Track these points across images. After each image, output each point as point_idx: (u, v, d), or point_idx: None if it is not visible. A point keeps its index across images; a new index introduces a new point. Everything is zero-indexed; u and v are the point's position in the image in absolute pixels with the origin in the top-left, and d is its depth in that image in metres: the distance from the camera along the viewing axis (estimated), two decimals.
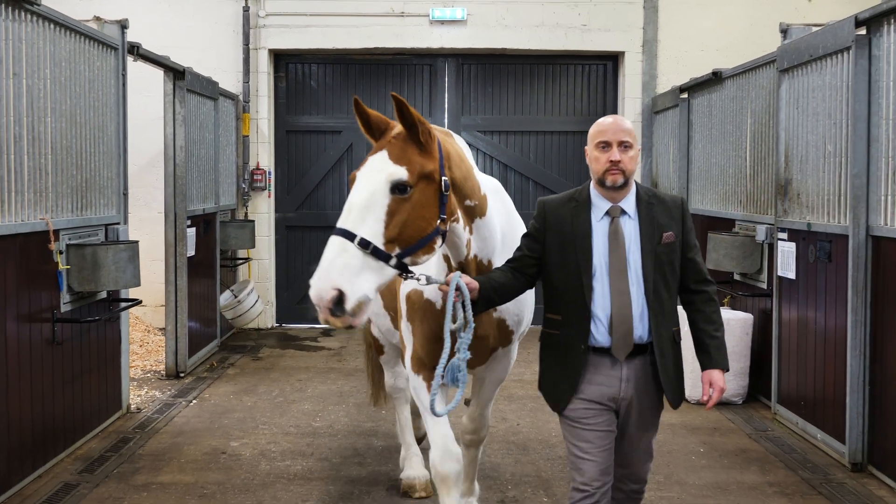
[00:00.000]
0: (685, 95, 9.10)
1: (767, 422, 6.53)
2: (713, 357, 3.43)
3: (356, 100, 3.30)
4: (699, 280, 3.48)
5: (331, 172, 10.68)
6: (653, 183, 10.22)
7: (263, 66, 10.35)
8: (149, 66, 7.61)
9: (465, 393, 4.69)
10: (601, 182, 3.39)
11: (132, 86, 6.80)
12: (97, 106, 6.21)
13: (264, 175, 10.42)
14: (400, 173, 3.16)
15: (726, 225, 7.77)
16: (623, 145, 3.35)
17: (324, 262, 3.04)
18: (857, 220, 5.39)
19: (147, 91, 9.17)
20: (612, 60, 10.68)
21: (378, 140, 3.33)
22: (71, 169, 5.79)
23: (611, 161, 3.34)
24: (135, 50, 6.83)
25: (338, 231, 3.10)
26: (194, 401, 7.08)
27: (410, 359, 3.92)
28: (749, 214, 7.36)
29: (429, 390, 3.76)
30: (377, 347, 5.23)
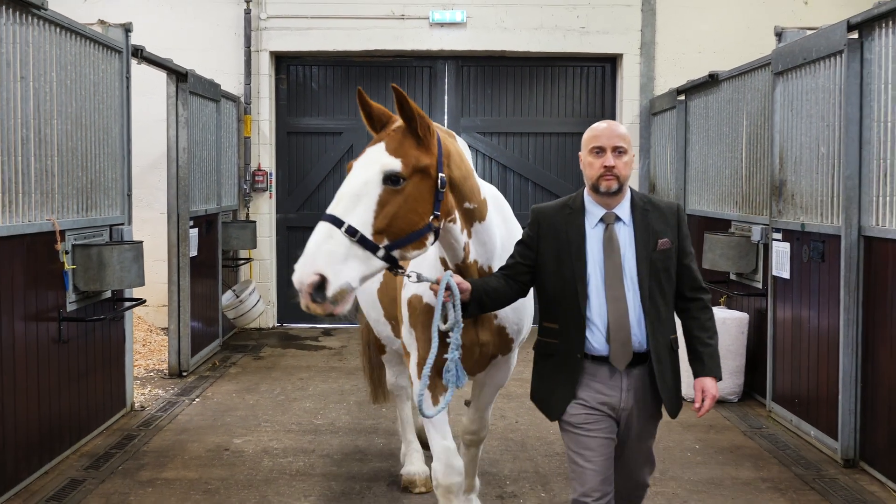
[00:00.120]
0: (682, 97, 9.19)
1: (762, 419, 6.62)
2: (706, 365, 3.40)
3: (359, 91, 3.29)
4: (695, 287, 3.45)
5: (332, 173, 10.76)
6: (650, 184, 10.32)
7: (265, 68, 10.44)
8: (152, 69, 7.69)
9: (465, 394, 4.74)
10: (595, 188, 3.35)
11: (135, 88, 6.86)
12: (102, 108, 6.30)
13: (266, 176, 10.51)
14: (394, 164, 3.15)
15: (723, 225, 7.86)
16: (617, 150, 3.30)
17: (308, 247, 3.00)
18: (850, 221, 5.48)
19: (150, 93, 9.24)
20: (611, 62, 10.77)
21: (379, 133, 3.33)
22: (76, 170, 5.88)
23: (605, 167, 3.30)
24: (139, 53, 6.92)
25: (326, 217, 3.07)
26: (197, 399, 7.17)
27: (416, 366, 3.83)
28: (745, 215, 7.45)
29: (435, 402, 3.73)
30: (379, 347, 5.23)
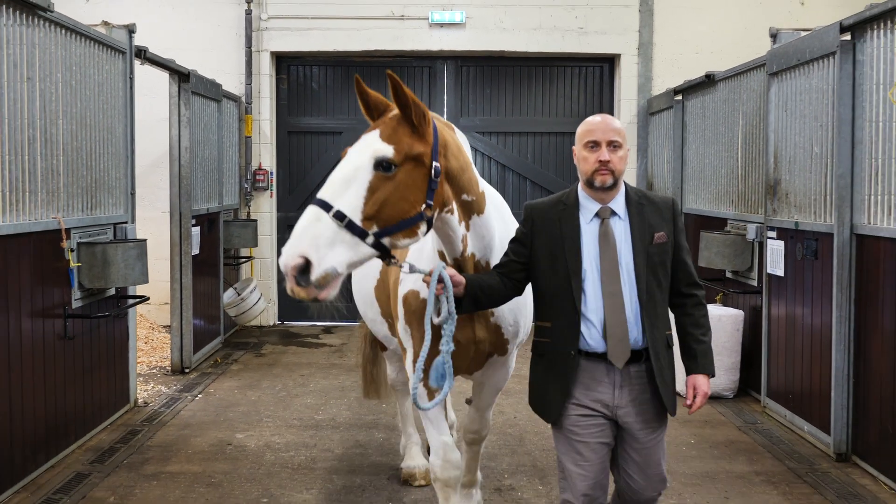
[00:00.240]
0: (679, 97, 9.28)
1: (757, 415, 6.71)
2: (699, 362, 3.36)
3: (357, 79, 3.25)
4: (690, 283, 3.40)
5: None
6: (648, 183, 10.41)
7: (265, 68, 10.53)
8: (153, 69, 7.78)
9: (466, 392, 4.76)
10: (590, 183, 3.29)
11: (137, 88, 6.93)
12: (106, 108, 6.39)
13: (266, 175, 10.60)
14: (385, 150, 3.10)
15: (719, 224, 7.96)
16: (612, 145, 3.25)
17: (295, 230, 2.97)
18: (842, 219, 5.58)
19: (152, 93, 9.34)
20: (609, 63, 10.86)
21: (376, 121, 3.30)
22: (81, 170, 5.97)
23: (600, 161, 3.24)
24: (142, 53, 7.01)
25: (315, 201, 3.03)
26: (200, 395, 7.26)
27: (412, 363, 3.81)
28: (740, 214, 7.55)
29: (431, 397, 3.70)
30: (380, 343, 5.25)
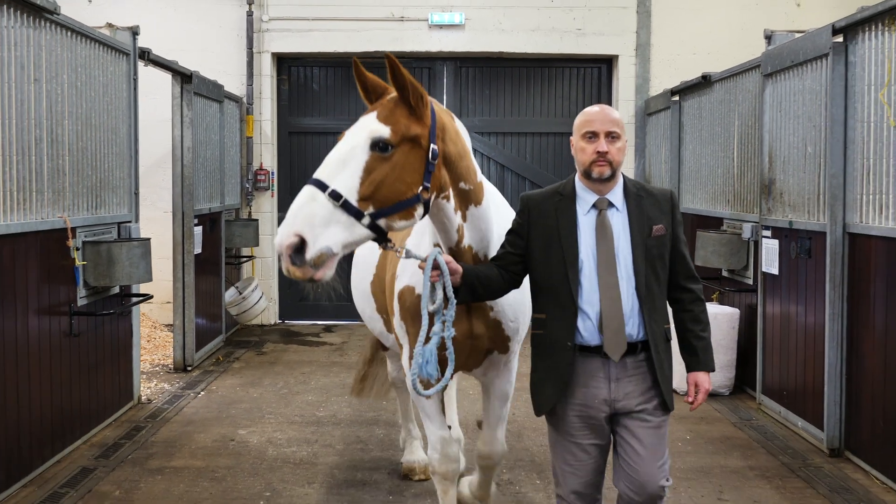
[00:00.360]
0: (676, 98, 9.37)
1: (752, 411, 6.80)
2: (700, 359, 3.33)
3: (355, 61, 3.26)
4: (688, 276, 3.36)
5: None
6: (645, 182, 10.49)
7: (266, 69, 10.62)
8: (156, 70, 7.87)
9: (476, 414, 4.70)
10: (587, 174, 3.25)
11: (139, 89, 7.03)
12: (110, 109, 6.49)
13: (267, 175, 10.69)
14: (382, 131, 3.09)
15: (715, 223, 8.05)
16: (611, 136, 3.21)
17: (290, 210, 2.96)
18: (835, 218, 5.67)
19: (154, 94, 9.43)
20: (607, 64, 10.95)
21: (374, 104, 3.29)
22: (86, 170, 6.06)
23: (598, 152, 3.20)
24: (145, 55, 7.10)
25: (311, 181, 3.02)
26: (202, 392, 7.35)
27: (409, 359, 3.76)
28: (736, 213, 7.64)
29: (425, 387, 3.56)
30: (382, 346, 5.26)
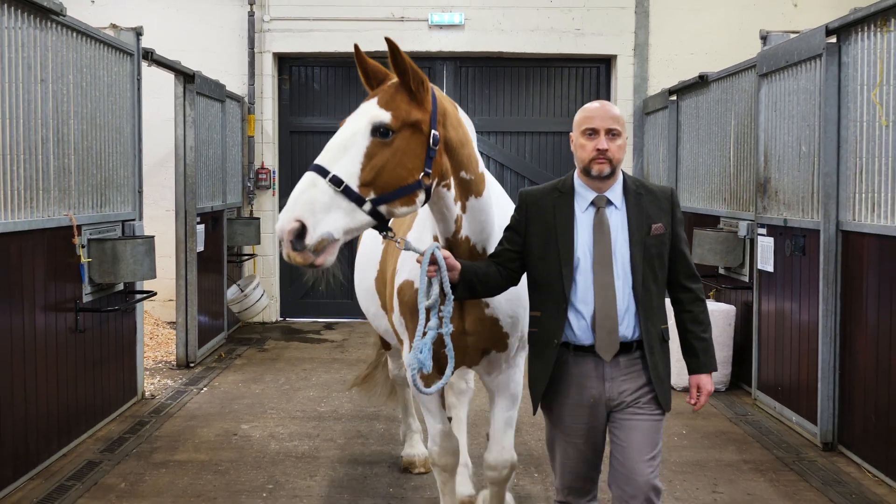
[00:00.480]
0: (674, 98, 9.46)
1: (748, 407, 6.89)
2: (702, 360, 3.30)
3: (356, 46, 3.23)
4: (689, 275, 3.32)
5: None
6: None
7: (268, 69, 10.71)
8: (159, 70, 7.95)
9: (486, 423, 4.70)
10: (586, 171, 3.21)
11: (143, 89, 7.11)
12: (115, 109, 6.58)
13: (269, 174, 10.78)
14: (382, 116, 3.07)
15: (712, 221, 8.13)
16: (611, 133, 3.17)
17: (292, 195, 2.96)
18: (828, 216, 5.76)
19: (157, 94, 9.51)
20: (605, 63, 11.04)
21: (374, 89, 3.26)
22: (91, 168, 6.15)
23: (597, 149, 3.16)
24: (149, 55, 7.19)
25: (312, 167, 3.02)
26: (205, 388, 7.45)
27: (409, 353, 3.54)
28: (733, 211, 7.73)
29: (425, 384, 3.51)
30: (384, 344, 5.27)
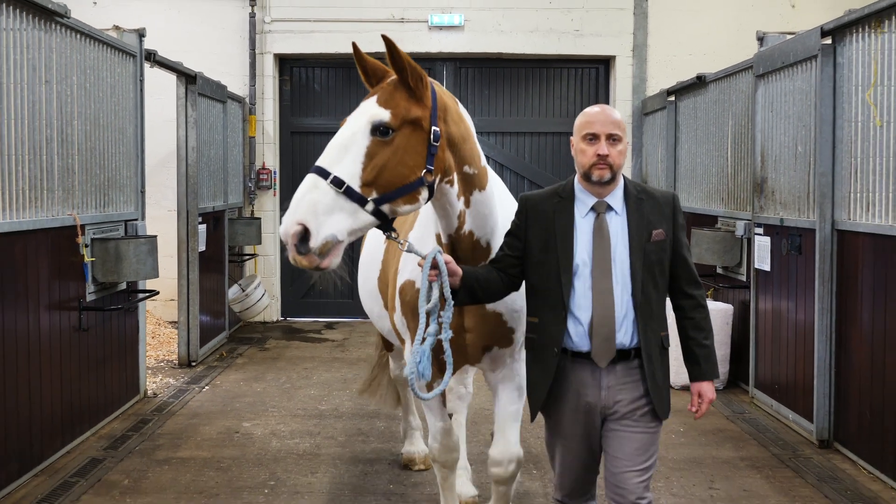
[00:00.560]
0: (672, 98, 9.52)
1: (745, 405, 6.95)
2: (703, 368, 3.28)
3: (354, 45, 3.21)
4: (690, 281, 3.29)
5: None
6: (642, 181, 10.64)
7: (269, 70, 10.77)
8: (161, 71, 8.01)
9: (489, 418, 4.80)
10: (587, 176, 3.19)
11: (145, 90, 7.16)
12: (118, 110, 6.64)
13: (270, 174, 10.83)
14: (381, 115, 3.05)
15: (710, 221, 8.19)
16: (611, 138, 3.15)
17: (294, 198, 2.95)
18: (824, 215, 5.82)
19: (159, 95, 9.56)
20: (604, 64, 11.11)
21: (374, 87, 3.24)
22: (95, 169, 6.21)
23: (598, 155, 3.14)
24: (151, 57, 7.25)
25: (313, 168, 3.01)
26: (207, 387, 7.51)
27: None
28: (730, 211, 7.79)
29: (427, 389, 3.60)
30: (386, 345, 5.29)
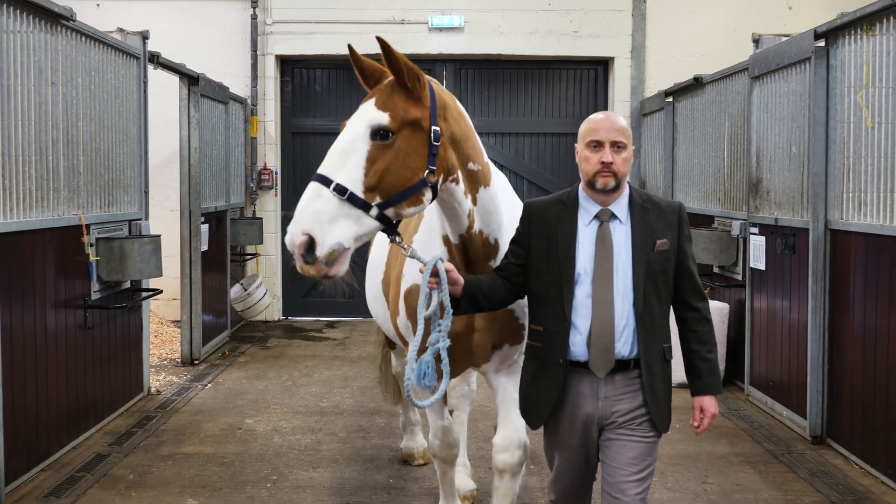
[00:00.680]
0: (670, 99, 9.61)
1: (740, 402, 7.04)
2: (705, 381, 3.22)
3: (350, 47, 3.19)
4: (694, 293, 3.22)
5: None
6: (641, 182, 10.74)
7: (270, 71, 10.86)
8: (164, 73, 8.11)
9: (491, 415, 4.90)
10: (591, 184, 3.14)
11: (149, 91, 7.25)
12: (122, 111, 6.74)
13: (271, 175, 10.93)
14: (380, 118, 3.01)
15: (707, 221, 8.28)
16: (616, 146, 3.09)
17: (298, 208, 2.92)
18: (817, 215, 5.91)
19: (162, 96, 9.64)
20: (603, 65, 11.20)
21: (372, 89, 3.20)
22: (99, 169, 6.31)
23: (602, 162, 3.08)
24: (155, 58, 7.35)
25: (315, 177, 2.96)
26: (209, 384, 7.60)
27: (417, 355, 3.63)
28: (726, 211, 7.87)
29: (432, 393, 3.41)
30: (389, 343, 5.30)
